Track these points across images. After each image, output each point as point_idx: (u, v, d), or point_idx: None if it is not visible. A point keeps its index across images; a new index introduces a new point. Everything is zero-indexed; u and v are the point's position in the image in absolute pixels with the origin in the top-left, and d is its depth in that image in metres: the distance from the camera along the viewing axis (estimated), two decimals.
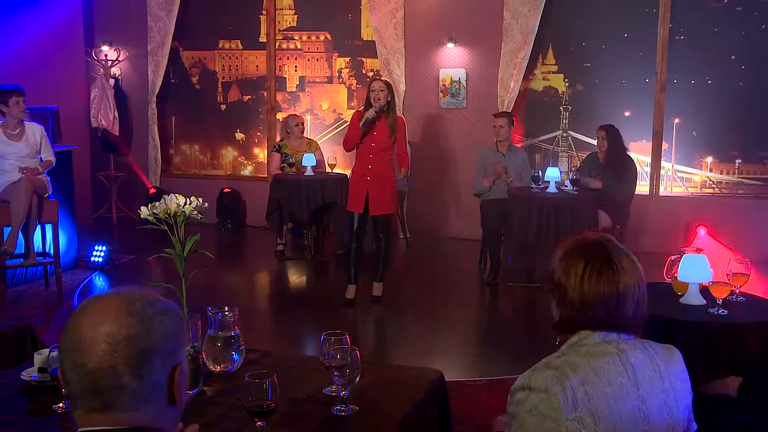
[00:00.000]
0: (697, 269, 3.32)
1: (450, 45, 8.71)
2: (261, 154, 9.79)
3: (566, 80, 8.67)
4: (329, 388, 2.38)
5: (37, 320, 5.80)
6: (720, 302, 3.24)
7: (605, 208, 6.87)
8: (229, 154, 10.01)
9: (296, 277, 7.58)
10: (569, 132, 8.71)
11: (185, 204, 2.34)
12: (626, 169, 6.96)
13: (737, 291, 3.45)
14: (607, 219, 6.85)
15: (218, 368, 2.53)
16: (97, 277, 7.15)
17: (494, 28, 8.52)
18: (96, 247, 7.37)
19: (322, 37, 9.51)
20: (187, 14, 9.75)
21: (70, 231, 7.25)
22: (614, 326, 1.93)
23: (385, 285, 6.31)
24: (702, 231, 7.89)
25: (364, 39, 9.27)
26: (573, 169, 8.12)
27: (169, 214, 2.33)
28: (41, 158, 6.29)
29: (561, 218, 6.41)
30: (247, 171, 9.87)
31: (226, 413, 2.27)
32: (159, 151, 9.87)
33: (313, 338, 5.74)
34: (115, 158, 9.80)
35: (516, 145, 8.00)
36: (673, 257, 3.52)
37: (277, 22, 9.65)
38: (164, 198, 2.35)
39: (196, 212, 2.37)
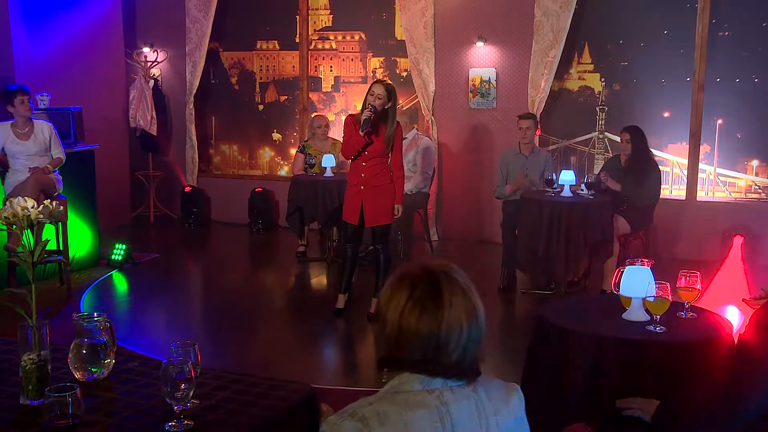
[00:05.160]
0: (639, 282, 3.07)
1: (480, 44, 8.48)
2: None
3: (603, 80, 8.34)
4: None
5: (38, 317, 5.89)
6: (658, 318, 2.99)
7: (625, 213, 6.54)
8: (266, 154, 10.03)
9: (306, 281, 7.49)
10: (606, 133, 8.37)
11: (32, 207, 2.26)
12: (648, 173, 6.60)
13: (687, 306, 3.17)
14: (625, 225, 6.52)
15: (78, 375, 2.45)
16: (114, 276, 7.24)
17: (525, 27, 8.26)
18: (116, 245, 7.46)
19: (356, 37, 9.42)
20: (226, 15, 9.82)
21: (91, 229, 7.38)
22: (434, 372, 1.71)
23: None
24: (739, 241, 7.41)
25: (398, 38, 9.13)
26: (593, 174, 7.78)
27: (17, 218, 2.26)
28: (52, 156, 6.42)
29: (573, 224, 6.13)
30: (284, 171, 9.86)
31: None
32: (196, 151, 9.97)
33: (294, 347, 5.67)
34: (153, 158, 9.96)
35: (541, 147, 7.75)
36: (622, 268, 3.26)
37: (312, 23, 9.62)
38: (10, 201, 2.29)
39: (42, 216, 2.28)
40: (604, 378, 2.90)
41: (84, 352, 2.48)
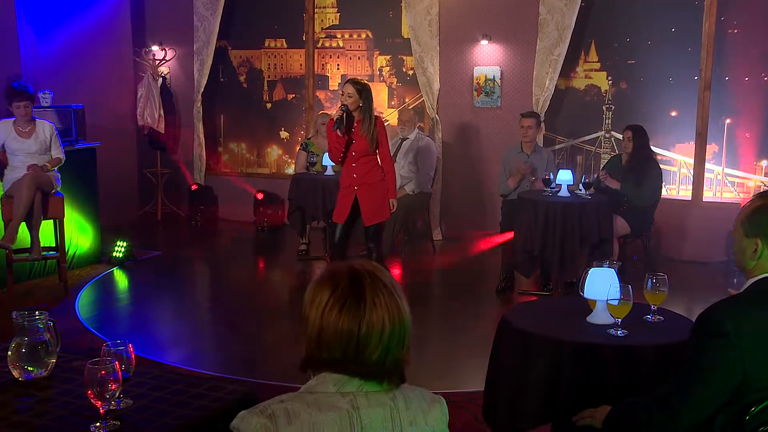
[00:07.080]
0: (603, 284, 3.00)
1: (484, 42, 8.40)
2: None
3: (609, 78, 8.23)
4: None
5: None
6: (619, 322, 2.91)
7: (624, 213, 6.44)
8: (273, 152, 10.03)
9: (305, 280, 7.44)
10: (612, 132, 8.25)
11: None
12: (648, 173, 6.50)
13: (654, 309, 3.10)
14: (624, 225, 6.43)
15: (15, 374, 2.44)
16: (114, 273, 7.27)
17: (529, 24, 8.17)
18: (117, 243, 7.49)
19: (363, 35, 9.38)
20: (234, 13, 9.83)
21: (93, 227, 7.41)
22: (354, 372, 1.68)
23: None
24: None
25: (405, 37, 9.07)
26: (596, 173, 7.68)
27: None
28: (51, 155, 6.45)
29: (569, 224, 6.05)
30: (291, 169, 9.83)
31: None
32: (203, 149, 9.99)
33: (285, 346, 5.64)
34: (161, 156, 9.99)
35: (546, 146, 7.66)
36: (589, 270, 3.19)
37: (319, 21, 9.59)
38: None
39: None
40: (562, 381, 2.84)
41: (23, 350, 2.46)
